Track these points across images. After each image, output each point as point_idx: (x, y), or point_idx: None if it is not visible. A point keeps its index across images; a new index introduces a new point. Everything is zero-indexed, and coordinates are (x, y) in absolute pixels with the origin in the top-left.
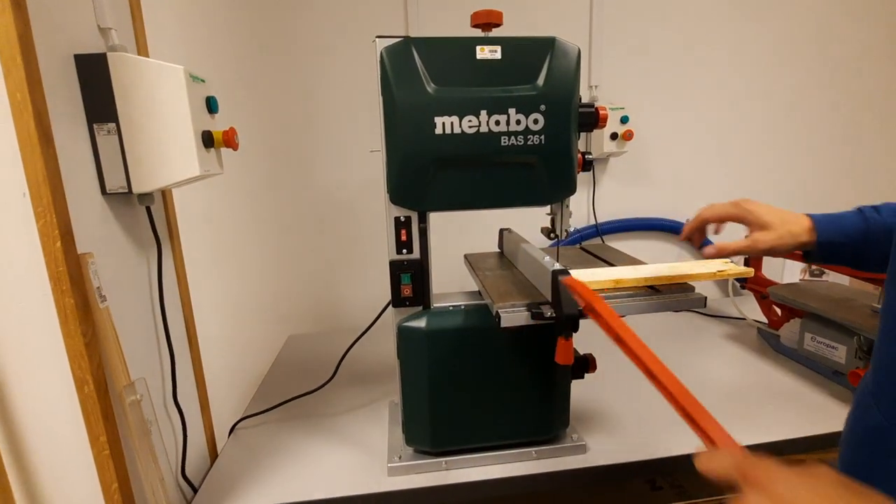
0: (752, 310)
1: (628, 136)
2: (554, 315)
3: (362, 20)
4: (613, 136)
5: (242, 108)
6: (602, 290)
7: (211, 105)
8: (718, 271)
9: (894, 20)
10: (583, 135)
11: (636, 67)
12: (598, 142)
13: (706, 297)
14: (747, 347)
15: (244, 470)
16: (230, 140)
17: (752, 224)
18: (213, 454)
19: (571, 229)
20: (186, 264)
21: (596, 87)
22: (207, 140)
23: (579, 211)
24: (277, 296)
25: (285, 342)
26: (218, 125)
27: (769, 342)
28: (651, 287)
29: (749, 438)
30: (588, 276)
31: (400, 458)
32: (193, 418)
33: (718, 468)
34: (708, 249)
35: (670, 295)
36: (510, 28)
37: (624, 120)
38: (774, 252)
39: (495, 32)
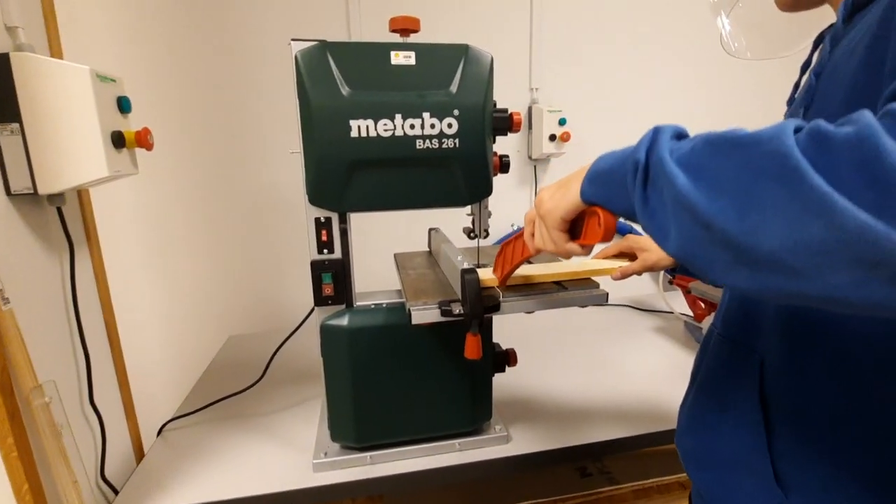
0: (681, 304)
1: (566, 137)
2: (463, 312)
3: (306, 24)
4: (552, 138)
5: (174, 108)
6: (513, 286)
7: (123, 105)
8: (619, 266)
9: None
10: (522, 136)
11: (574, 72)
12: (537, 143)
13: (608, 293)
14: (674, 339)
15: (170, 471)
16: (143, 140)
17: (639, 250)
18: (140, 456)
19: (515, 227)
20: (114, 265)
21: (536, 89)
22: (118, 140)
23: (522, 210)
24: (217, 296)
25: (225, 342)
26: (132, 125)
27: (693, 334)
28: (558, 283)
29: (669, 424)
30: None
31: (326, 454)
32: (116, 420)
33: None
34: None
35: (576, 291)
36: (453, 36)
37: (562, 122)
38: (658, 267)
39: (415, 38)
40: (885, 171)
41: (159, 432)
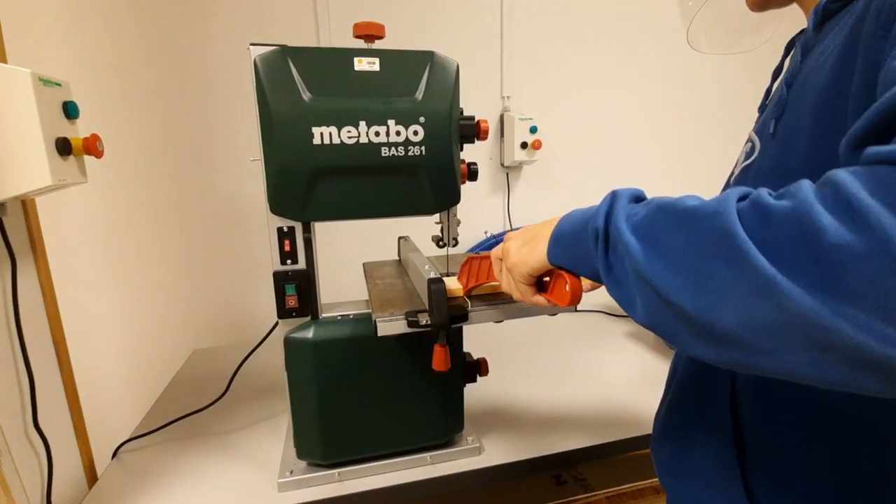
0: None
1: (537, 145)
2: (430, 322)
3: (273, 30)
4: (523, 146)
5: (131, 114)
6: (482, 296)
7: (69, 110)
8: None
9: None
10: (495, 144)
11: (545, 80)
12: (509, 151)
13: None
14: (646, 344)
15: (125, 495)
16: (92, 147)
17: None
18: (93, 480)
19: (488, 234)
20: (64, 279)
21: (508, 97)
22: (63, 147)
23: (495, 217)
24: (180, 309)
25: (189, 356)
26: (80, 132)
27: (663, 339)
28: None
29: (642, 429)
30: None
31: (291, 472)
32: (65, 444)
33: (498, 270)
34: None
35: None
36: (425, 45)
37: (533, 130)
38: None
39: (383, 45)
40: (824, 251)
41: (114, 454)
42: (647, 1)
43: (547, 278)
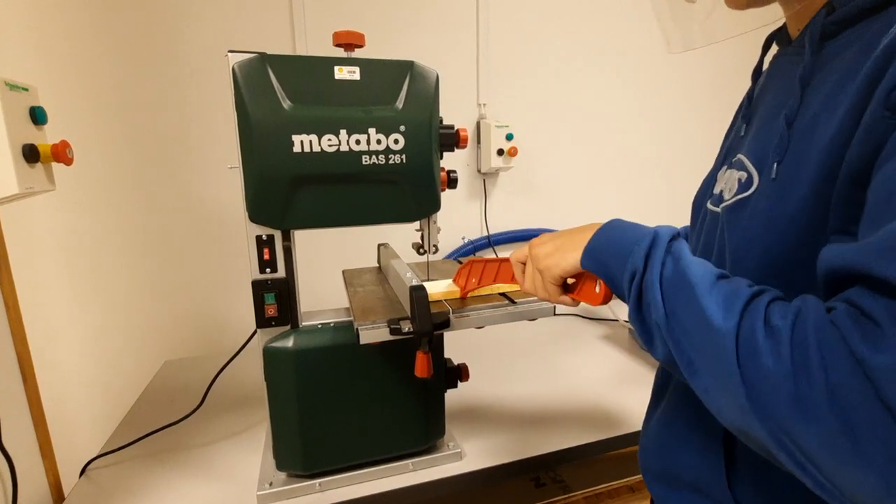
0: (625, 312)
1: (513, 152)
2: (412, 330)
3: (249, 37)
4: (500, 153)
5: (104, 120)
6: (461, 299)
7: (37, 116)
8: None
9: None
10: (472, 151)
11: (520, 87)
12: (486, 157)
13: (555, 306)
14: (620, 347)
15: None
16: (61, 154)
17: None
18: (60, 500)
19: (465, 240)
20: (30, 290)
21: (484, 105)
22: (31, 154)
23: (473, 223)
24: (151, 319)
25: (160, 368)
26: (48, 138)
27: (638, 341)
28: (505, 296)
29: (618, 430)
30: (447, 287)
31: (271, 484)
32: (30, 463)
33: (519, 273)
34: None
35: (524, 304)
36: (400, 53)
37: (509, 137)
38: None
39: (361, 54)
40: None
41: (82, 472)
42: (621, 9)
43: (571, 279)
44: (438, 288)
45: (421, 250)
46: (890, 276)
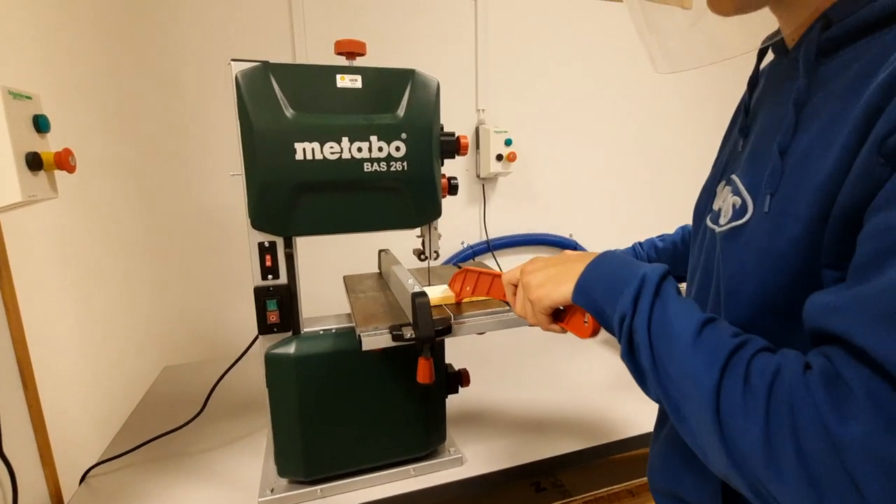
0: None
1: (512, 157)
2: (414, 336)
3: (249, 45)
4: (499, 158)
5: (107, 128)
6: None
7: (40, 124)
8: None
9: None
10: (471, 156)
11: (519, 93)
12: (485, 163)
13: None
14: (616, 348)
15: None
16: (64, 162)
17: None
18: None
19: (465, 245)
20: (31, 296)
21: (483, 110)
22: (34, 162)
23: (472, 228)
24: (151, 324)
25: (160, 374)
26: (51, 146)
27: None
28: (505, 301)
29: (618, 435)
30: (443, 292)
31: (272, 490)
32: (30, 470)
33: (511, 294)
34: None
35: None
36: (399, 59)
37: (508, 142)
38: None
39: (361, 61)
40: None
41: (82, 479)
42: (619, 17)
43: (562, 307)
44: (434, 293)
45: (422, 256)
46: (868, 347)
